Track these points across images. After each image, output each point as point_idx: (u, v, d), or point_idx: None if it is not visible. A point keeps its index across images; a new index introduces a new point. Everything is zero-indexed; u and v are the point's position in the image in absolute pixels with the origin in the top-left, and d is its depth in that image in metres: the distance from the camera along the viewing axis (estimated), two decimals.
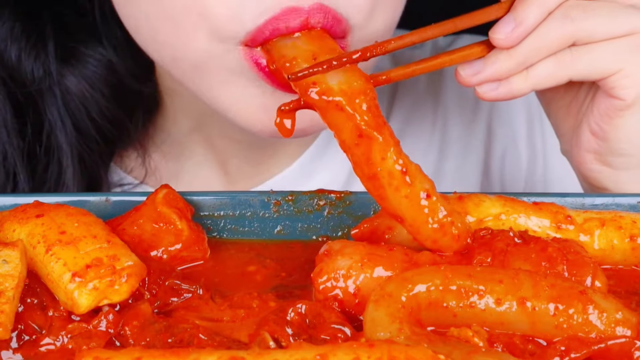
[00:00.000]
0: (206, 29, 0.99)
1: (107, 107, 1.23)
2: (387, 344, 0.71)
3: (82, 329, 0.80)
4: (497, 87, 0.97)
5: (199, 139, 1.27)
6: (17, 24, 1.19)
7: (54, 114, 1.21)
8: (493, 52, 0.96)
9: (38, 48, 1.20)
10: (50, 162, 1.22)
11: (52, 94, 1.21)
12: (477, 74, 0.96)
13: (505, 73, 0.96)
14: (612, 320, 0.76)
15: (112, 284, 0.81)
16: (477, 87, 0.97)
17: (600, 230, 0.89)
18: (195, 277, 0.88)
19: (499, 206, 0.90)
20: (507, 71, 0.96)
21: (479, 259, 0.83)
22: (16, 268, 0.80)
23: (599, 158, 1.02)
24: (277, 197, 0.95)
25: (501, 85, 0.97)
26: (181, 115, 1.27)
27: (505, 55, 0.95)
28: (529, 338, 0.77)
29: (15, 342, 0.80)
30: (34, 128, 1.22)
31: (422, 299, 0.77)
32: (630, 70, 0.97)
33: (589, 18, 0.95)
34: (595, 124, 1.01)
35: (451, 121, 1.37)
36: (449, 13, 0.95)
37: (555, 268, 0.82)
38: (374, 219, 0.90)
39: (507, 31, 0.94)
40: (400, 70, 0.94)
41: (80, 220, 0.85)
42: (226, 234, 0.95)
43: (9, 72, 1.20)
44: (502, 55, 0.95)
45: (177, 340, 0.80)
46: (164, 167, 1.29)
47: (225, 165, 1.28)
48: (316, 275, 0.84)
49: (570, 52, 0.97)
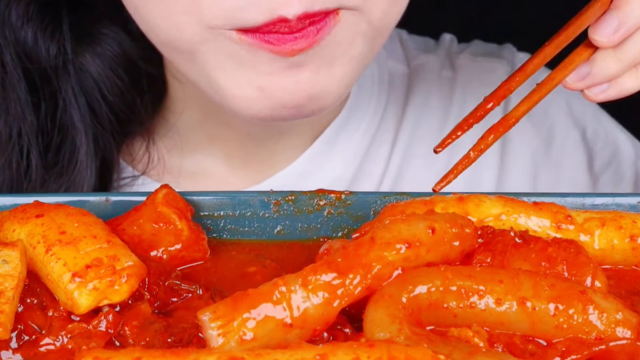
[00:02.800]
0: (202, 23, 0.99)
1: (121, 87, 1.23)
2: (387, 344, 0.71)
3: (82, 329, 0.80)
4: (607, 88, 0.95)
5: (204, 132, 1.27)
6: (32, 4, 1.20)
7: (68, 92, 1.21)
8: (599, 54, 0.94)
9: (54, 27, 1.20)
10: (63, 140, 1.22)
11: (66, 72, 1.21)
12: (585, 79, 0.94)
13: (614, 74, 0.94)
14: (613, 321, 0.76)
15: (112, 284, 0.81)
16: (585, 90, 0.96)
17: (601, 230, 0.89)
18: (195, 277, 0.88)
19: (499, 206, 0.90)
20: (615, 72, 0.94)
21: (479, 259, 0.83)
22: (16, 268, 0.80)
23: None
24: (277, 197, 0.95)
25: (611, 86, 0.95)
26: (187, 107, 1.27)
27: (612, 58, 0.94)
28: (529, 338, 0.77)
29: (15, 342, 0.80)
30: (48, 106, 1.22)
31: (422, 300, 0.77)
32: None
33: None
34: None
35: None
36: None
37: (555, 268, 0.82)
38: (374, 223, 0.90)
39: (609, 32, 0.92)
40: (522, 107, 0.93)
41: (80, 220, 0.85)
42: (226, 234, 0.95)
43: (24, 51, 1.20)
44: (609, 58, 0.94)
45: (177, 340, 0.80)
46: (168, 159, 1.29)
47: (229, 159, 1.28)
48: None
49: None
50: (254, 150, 1.27)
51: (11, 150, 1.20)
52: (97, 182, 1.23)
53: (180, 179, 1.28)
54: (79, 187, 1.21)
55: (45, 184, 1.21)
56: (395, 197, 0.94)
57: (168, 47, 1.07)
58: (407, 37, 1.41)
